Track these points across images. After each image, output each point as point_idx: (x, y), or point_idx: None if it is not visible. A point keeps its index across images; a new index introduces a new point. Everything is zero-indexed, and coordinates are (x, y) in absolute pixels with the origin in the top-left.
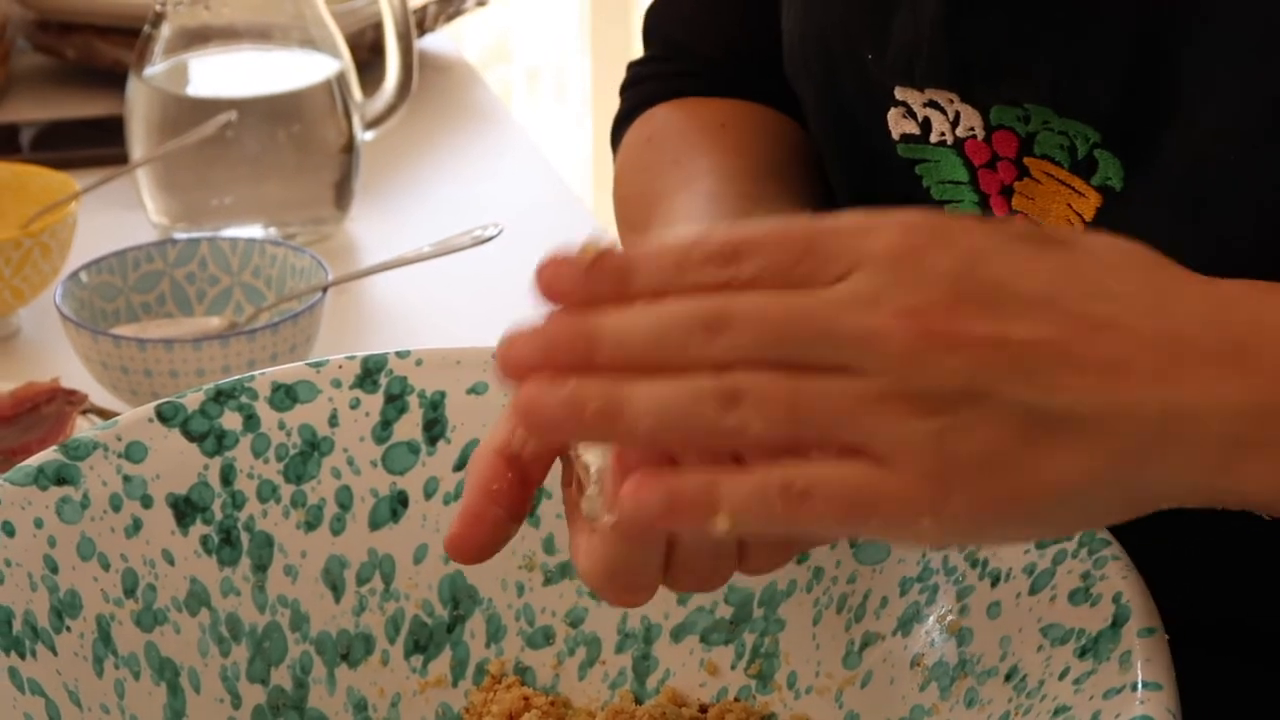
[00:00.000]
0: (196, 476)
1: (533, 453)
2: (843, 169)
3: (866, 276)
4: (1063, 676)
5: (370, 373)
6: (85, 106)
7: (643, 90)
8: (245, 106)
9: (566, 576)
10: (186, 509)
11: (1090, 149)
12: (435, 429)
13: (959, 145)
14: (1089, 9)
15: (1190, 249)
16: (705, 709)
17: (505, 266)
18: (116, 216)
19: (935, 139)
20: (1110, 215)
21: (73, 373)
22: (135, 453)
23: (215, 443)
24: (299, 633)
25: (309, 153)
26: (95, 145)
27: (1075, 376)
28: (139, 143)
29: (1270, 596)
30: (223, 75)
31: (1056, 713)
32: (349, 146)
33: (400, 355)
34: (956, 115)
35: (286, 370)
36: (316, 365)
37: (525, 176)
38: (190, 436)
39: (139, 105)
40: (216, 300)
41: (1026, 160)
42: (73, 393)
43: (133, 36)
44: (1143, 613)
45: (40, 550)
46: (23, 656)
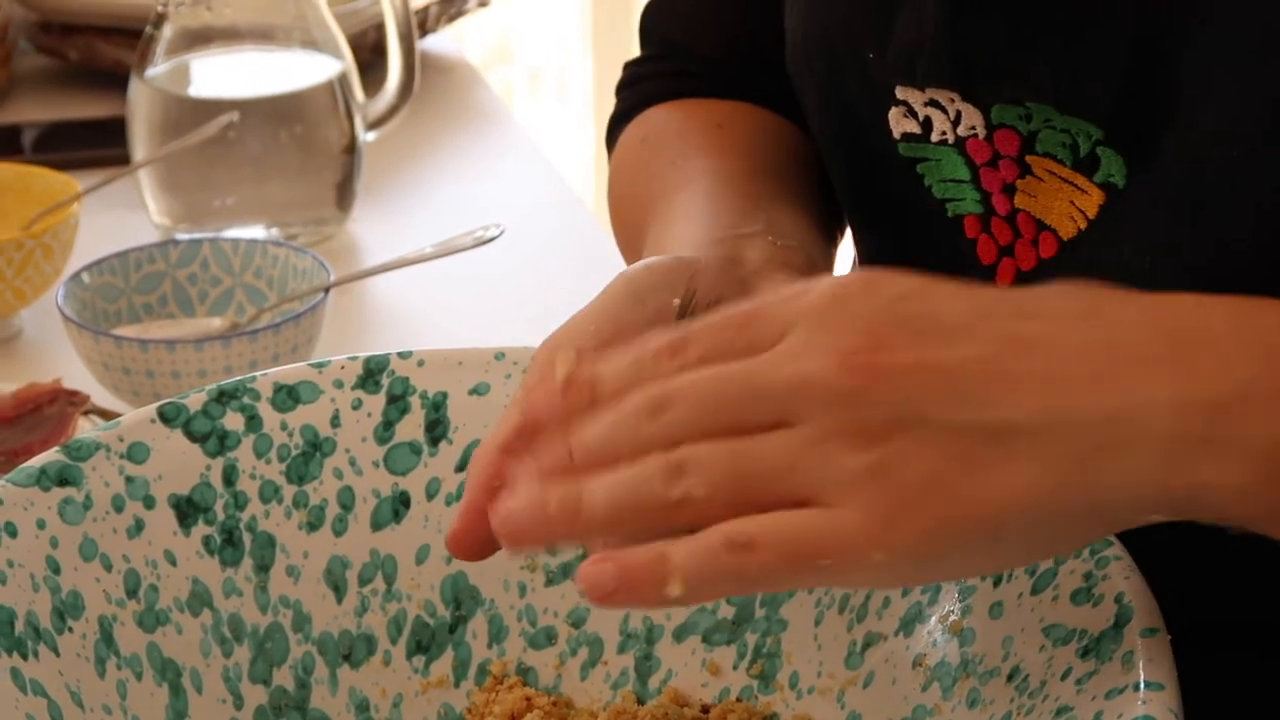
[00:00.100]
0: (199, 477)
1: None
2: (844, 168)
3: (798, 332)
4: (1065, 677)
5: (372, 373)
6: (87, 107)
7: (640, 90)
8: (247, 107)
9: (568, 577)
10: (189, 509)
11: (1093, 146)
12: (437, 430)
13: (960, 144)
14: (1088, 11)
15: (1189, 250)
16: (707, 709)
17: (507, 267)
18: (118, 217)
19: (936, 138)
20: (1113, 213)
21: (75, 374)
22: (137, 453)
23: (217, 443)
24: (301, 633)
25: (311, 153)
26: (97, 146)
27: (1008, 391)
28: (141, 144)
29: (1272, 594)
30: (225, 76)
31: (1059, 713)
32: (351, 147)
33: (402, 356)
34: (958, 114)
35: (288, 371)
36: (318, 366)
37: (527, 177)
38: (192, 437)
39: (141, 106)
40: (218, 301)
41: (1028, 158)
42: (75, 393)
43: (135, 37)
44: (1145, 613)
45: (42, 551)
46: (25, 657)
